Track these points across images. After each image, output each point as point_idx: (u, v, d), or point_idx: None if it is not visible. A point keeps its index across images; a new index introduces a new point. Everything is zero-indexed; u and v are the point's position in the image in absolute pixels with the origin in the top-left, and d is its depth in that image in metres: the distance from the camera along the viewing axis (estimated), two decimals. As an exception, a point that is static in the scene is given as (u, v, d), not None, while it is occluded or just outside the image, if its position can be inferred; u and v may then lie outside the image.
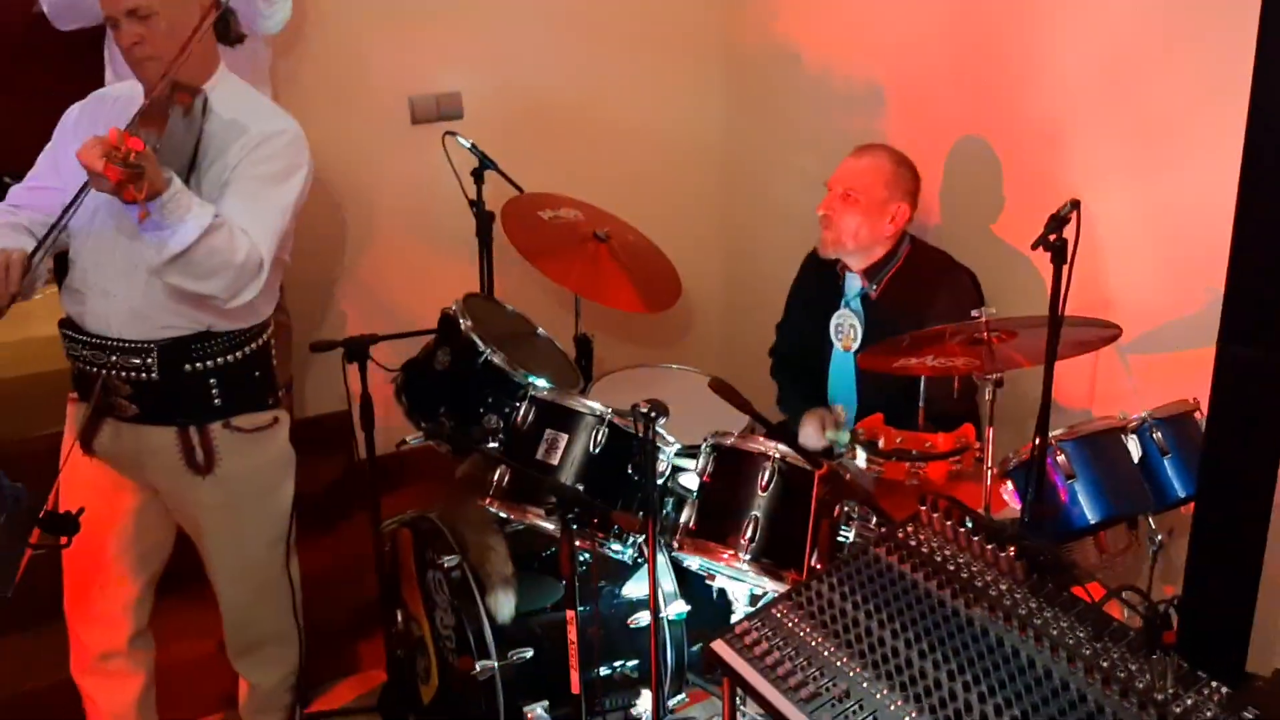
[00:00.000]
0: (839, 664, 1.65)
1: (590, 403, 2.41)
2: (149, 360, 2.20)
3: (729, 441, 2.31)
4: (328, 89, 3.38)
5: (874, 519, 2.13)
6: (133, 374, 2.21)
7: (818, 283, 2.92)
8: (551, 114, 3.71)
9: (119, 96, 2.30)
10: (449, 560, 2.53)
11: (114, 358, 2.21)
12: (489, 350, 2.62)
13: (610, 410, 2.39)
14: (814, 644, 1.70)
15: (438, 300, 2.80)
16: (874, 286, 2.80)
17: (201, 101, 2.16)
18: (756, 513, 2.22)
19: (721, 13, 3.88)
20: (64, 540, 1.80)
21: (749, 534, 2.21)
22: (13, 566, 1.70)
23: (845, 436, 2.65)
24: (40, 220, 2.19)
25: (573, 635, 2.16)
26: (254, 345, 2.33)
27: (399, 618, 2.81)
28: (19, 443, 3.04)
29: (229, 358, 2.28)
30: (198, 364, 2.24)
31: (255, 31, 2.96)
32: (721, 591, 2.45)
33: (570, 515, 2.12)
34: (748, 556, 2.21)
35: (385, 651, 2.88)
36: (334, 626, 2.94)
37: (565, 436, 2.38)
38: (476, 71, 3.59)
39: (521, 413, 2.46)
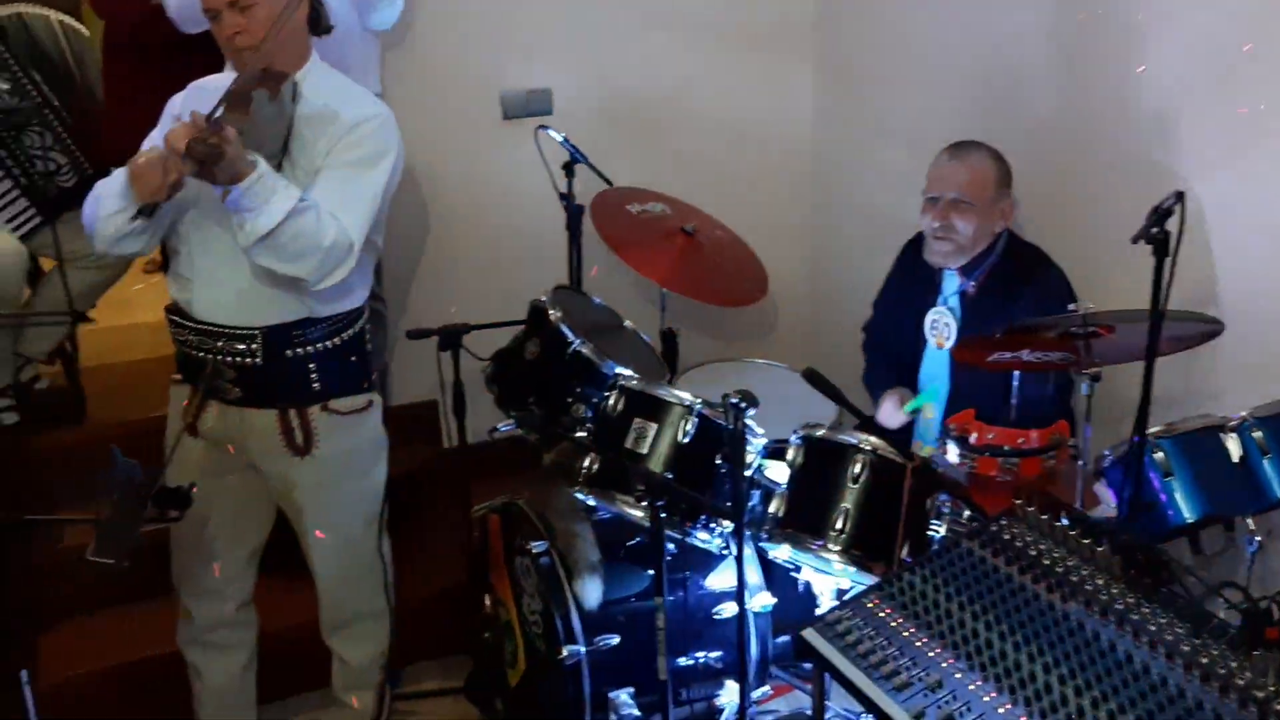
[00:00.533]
0: (931, 655, 1.65)
1: (680, 393, 2.43)
2: (254, 345, 2.28)
3: (820, 433, 2.31)
4: (426, 84, 3.45)
5: (966, 513, 2.12)
6: (238, 359, 2.29)
7: (913, 276, 2.89)
8: (640, 109, 3.73)
9: (218, 87, 2.37)
10: (537, 546, 2.57)
11: (220, 343, 2.28)
12: (578, 341, 2.65)
13: (700, 401, 2.41)
14: (906, 635, 1.70)
15: (527, 292, 2.84)
16: (972, 283, 2.76)
17: (290, 88, 2.23)
18: (847, 505, 2.23)
19: (813, 5, 3.87)
20: (176, 514, 1.87)
21: (839, 525, 2.22)
22: (130, 539, 1.77)
23: (930, 396, 2.66)
24: None
25: (661, 622, 2.18)
26: (350, 331, 2.40)
27: (487, 601, 2.86)
28: (125, 424, 3.15)
29: (327, 343, 2.34)
30: (298, 349, 2.31)
31: (367, 26, 3.04)
32: (807, 585, 2.46)
33: (659, 503, 2.14)
34: (838, 548, 2.21)
35: (472, 635, 2.93)
36: (422, 608, 3.00)
37: (654, 426, 2.41)
38: (566, 67, 3.63)
39: (611, 402, 2.49)
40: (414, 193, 3.49)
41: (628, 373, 2.55)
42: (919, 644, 1.68)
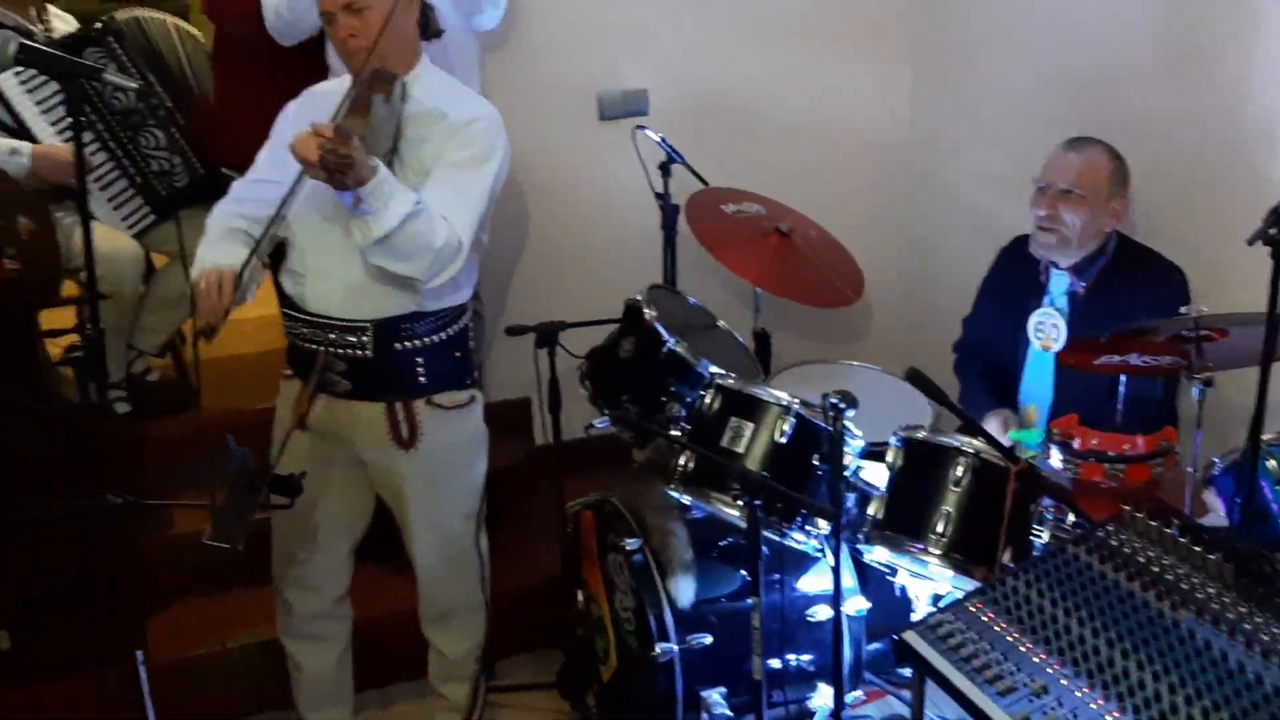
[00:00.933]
0: (1036, 660, 1.63)
1: (777, 392, 2.42)
2: (364, 339, 2.33)
3: (921, 435, 2.29)
4: (525, 85, 3.50)
5: (1070, 518, 2.09)
6: (348, 351, 2.34)
7: (1016, 278, 2.84)
8: (736, 108, 3.74)
9: (330, 92, 2.43)
10: (631, 543, 2.58)
11: (331, 335, 2.34)
12: (672, 340, 2.67)
13: (798, 401, 2.40)
14: (1010, 640, 1.68)
15: (621, 291, 2.87)
16: (1082, 284, 2.71)
17: (400, 88, 2.28)
18: (948, 508, 2.20)
19: (909, 3, 3.83)
20: (287, 502, 1.93)
21: (940, 529, 2.19)
22: (244, 524, 1.83)
23: (1034, 436, 2.60)
24: (259, 216, 2.32)
25: (756, 622, 2.18)
26: (456, 327, 2.44)
27: (579, 598, 2.88)
28: (234, 414, 3.25)
29: (434, 338, 2.39)
30: (406, 342, 2.36)
31: (471, 28, 3.10)
32: (902, 589, 2.44)
33: (756, 503, 2.14)
34: (938, 551, 2.19)
35: (564, 630, 2.96)
36: (516, 603, 3.04)
37: (751, 425, 2.41)
38: (663, 68, 3.65)
39: (707, 401, 2.49)
40: (512, 191, 3.54)
41: (723, 372, 2.55)
42: (1023, 649, 1.65)
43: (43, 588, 2.81)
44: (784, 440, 2.38)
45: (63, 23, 3.33)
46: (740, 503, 2.26)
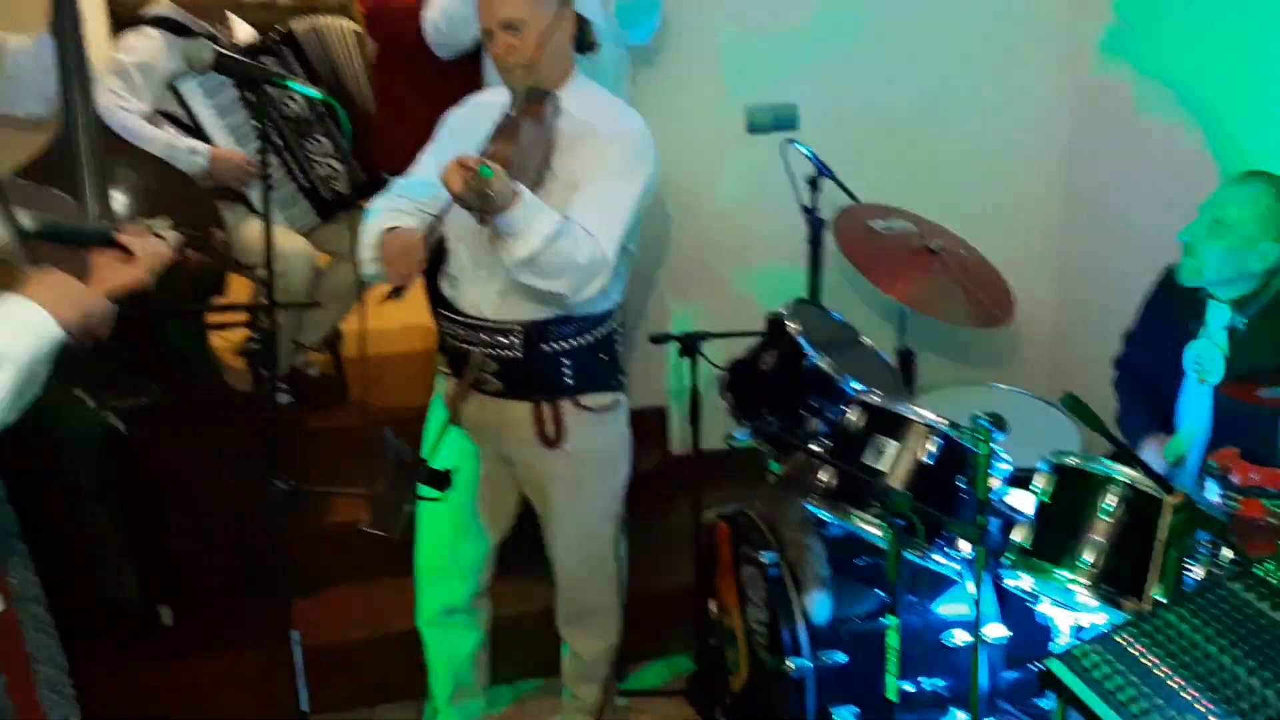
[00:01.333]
0: (1186, 697, 1.58)
1: (924, 412, 2.40)
2: (514, 340, 2.40)
3: (1072, 462, 2.24)
4: (674, 98, 3.54)
5: (1226, 554, 2.01)
6: (500, 351, 2.42)
7: (1175, 307, 2.73)
8: (887, 125, 3.71)
9: (491, 103, 2.50)
10: (766, 556, 2.59)
11: (484, 336, 2.42)
12: (815, 354, 2.67)
13: (945, 421, 2.38)
14: (1159, 675, 1.63)
15: (765, 304, 2.88)
16: (1243, 319, 2.60)
17: (553, 104, 2.34)
18: (1098, 537, 2.14)
19: (1072, 22, 3.75)
20: (440, 495, 2.00)
21: (1088, 558, 2.14)
22: (402, 513, 1.91)
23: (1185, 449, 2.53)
24: (421, 202, 2.42)
25: (894, 643, 2.16)
26: (602, 330, 2.49)
27: (712, 607, 2.90)
28: (391, 410, 3.37)
29: (581, 340, 2.45)
30: (554, 344, 2.42)
31: (623, 42, 3.16)
32: (1043, 618, 2.38)
33: (899, 522, 2.12)
34: (1086, 581, 2.13)
35: (696, 639, 2.98)
36: (649, 609, 3.07)
37: (895, 444, 2.39)
38: (814, 82, 3.63)
39: (851, 417, 2.49)
40: (659, 201, 3.58)
41: (866, 389, 2.54)
42: (1173, 684, 1.61)
43: (206, 567, 2.97)
44: (929, 460, 2.36)
45: (243, 31, 3.52)
46: (882, 521, 2.25)
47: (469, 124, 2.46)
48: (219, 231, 2.03)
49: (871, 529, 2.36)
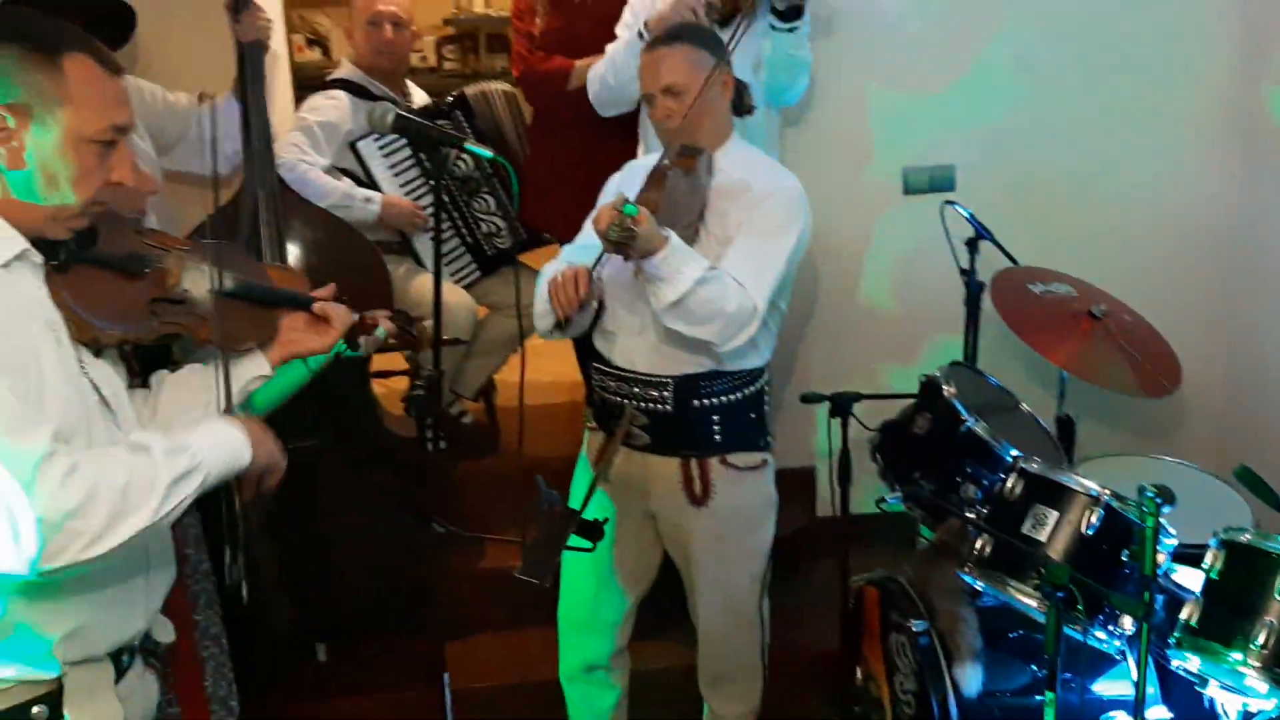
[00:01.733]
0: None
1: (1086, 481, 2.32)
2: (665, 394, 2.44)
3: (1246, 538, 2.13)
4: (826, 158, 3.55)
5: None
6: (650, 405, 2.45)
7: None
8: (1047, 187, 3.64)
9: (646, 165, 2.56)
10: (917, 625, 2.53)
11: (635, 389, 2.46)
12: (971, 419, 2.62)
13: (1109, 491, 2.29)
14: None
15: (919, 366, 2.85)
16: None
17: (706, 161, 2.38)
18: (1272, 618, 2.03)
19: (1244, 82, 3.62)
20: (590, 546, 2.03)
21: (1261, 640, 2.02)
22: (553, 561, 1.95)
23: None
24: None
25: None
26: (752, 389, 2.50)
27: (858, 674, 2.84)
28: (541, 460, 3.44)
29: (731, 397, 2.46)
30: (704, 400, 2.44)
31: (773, 104, 3.20)
32: (1210, 701, 2.26)
33: (1058, 595, 2.05)
34: (1258, 664, 2.02)
35: (840, 705, 2.92)
36: (792, 673, 3.03)
37: (1055, 513, 2.31)
38: (971, 143, 3.61)
39: (1008, 484, 2.42)
40: (809, 259, 3.59)
41: (1025, 455, 2.47)
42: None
43: (361, 606, 3.07)
44: (1090, 532, 2.27)
45: (418, 95, 3.70)
46: (1040, 594, 2.18)
47: (627, 188, 2.52)
48: (427, 326, 2.16)
49: (1028, 601, 2.28)
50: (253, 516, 2.45)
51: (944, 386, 2.70)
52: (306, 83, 3.75)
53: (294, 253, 2.94)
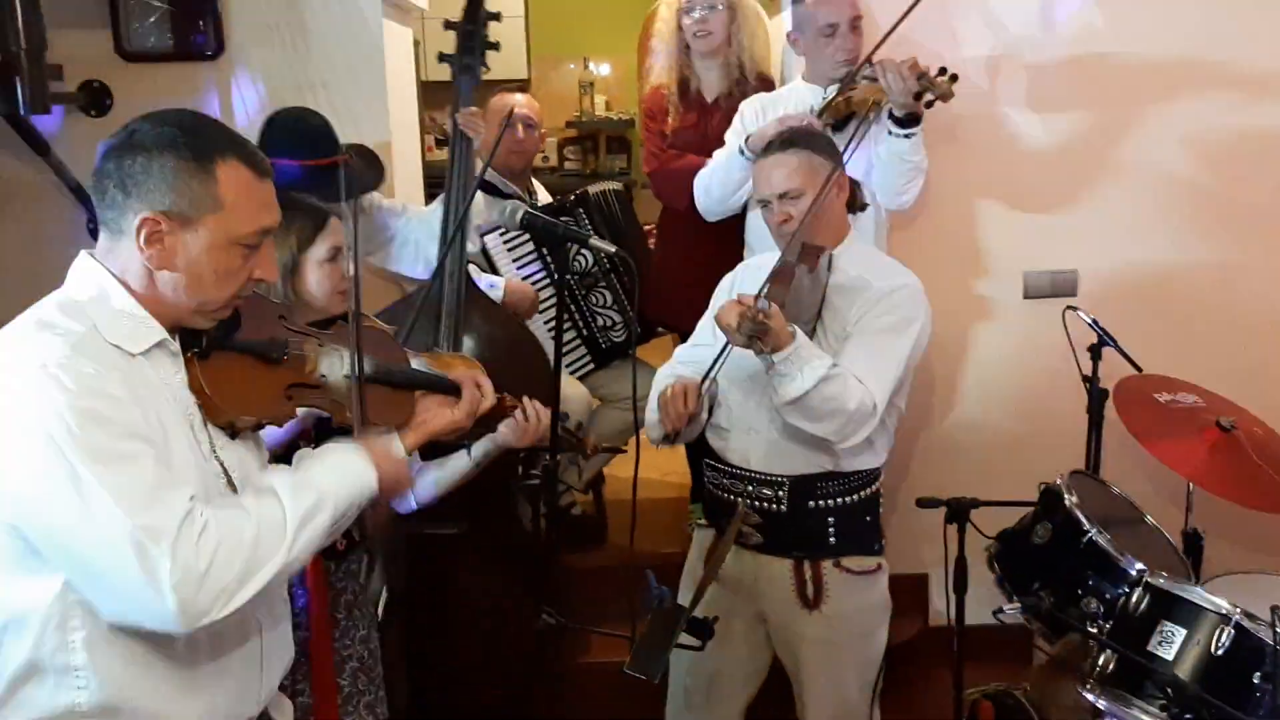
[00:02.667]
0: None
1: (1215, 598, 2.24)
2: (780, 493, 2.43)
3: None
4: (943, 260, 3.55)
5: None
6: (764, 504, 2.44)
7: None
8: (1174, 295, 3.57)
9: (761, 265, 2.58)
10: (1035, 740, 2.44)
11: (749, 488, 2.46)
12: (1094, 530, 2.54)
13: (1239, 610, 2.20)
14: None
15: (1038, 473, 2.78)
16: None
17: (826, 260, 2.39)
18: None
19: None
20: (699, 644, 2.02)
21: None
22: (662, 657, 1.94)
23: None
24: (698, 376, 2.48)
25: None
26: (868, 490, 2.49)
27: (973, 792, 2.74)
28: (648, 555, 3.44)
29: (847, 499, 2.45)
30: (820, 501, 2.43)
31: (888, 207, 3.22)
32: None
33: (1186, 716, 1.97)
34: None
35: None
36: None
37: (1182, 631, 2.23)
38: (1095, 250, 3.57)
39: (1133, 599, 2.34)
40: (927, 360, 3.54)
41: (1150, 570, 2.39)
42: None
43: (474, 688, 3.07)
44: (1220, 652, 2.18)
45: (543, 194, 3.83)
46: (1166, 714, 2.09)
47: (742, 287, 2.54)
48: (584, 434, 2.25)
49: (1152, 721, 2.19)
50: (377, 552, 2.47)
51: (1066, 495, 2.64)
52: (435, 180, 3.90)
53: (467, 344, 3.03)
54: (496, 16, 3.13)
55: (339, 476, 1.61)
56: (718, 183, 3.12)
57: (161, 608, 1.41)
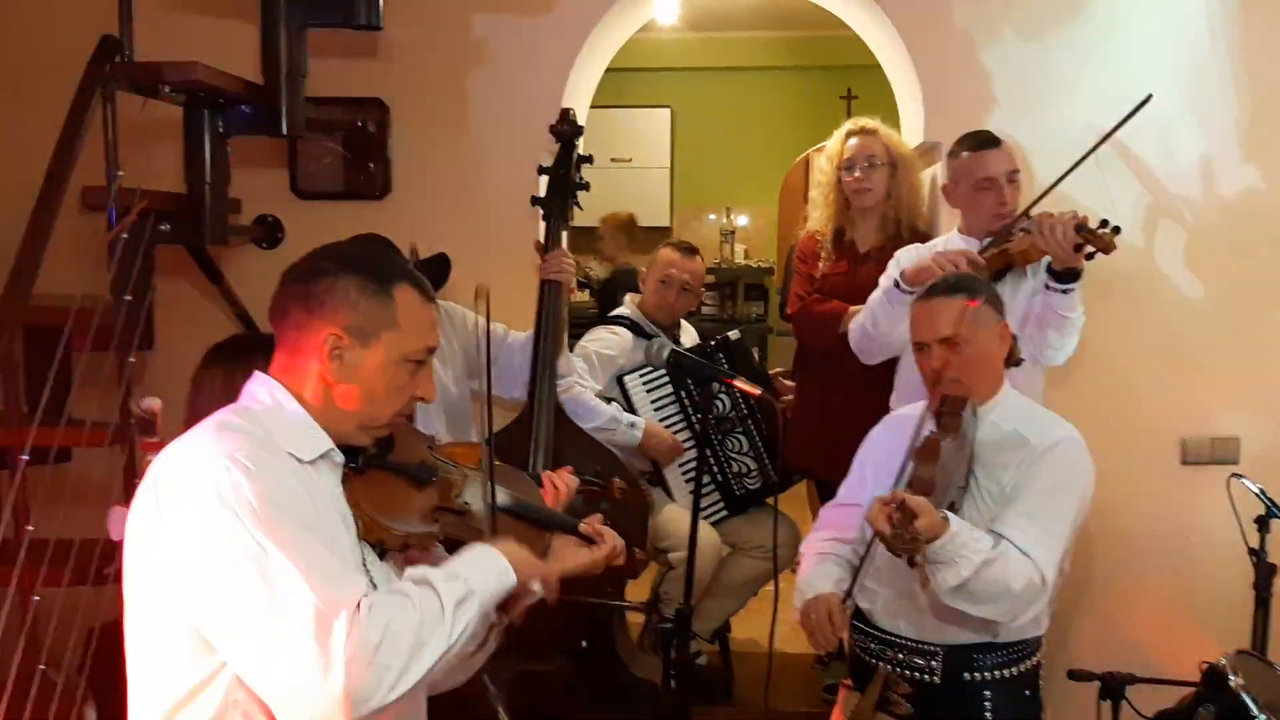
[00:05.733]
0: None
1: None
2: (933, 664, 2.29)
3: None
4: (1097, 420, 3.40)
5: None
6: (915, 673, 2.31)
7: None
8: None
9: (908, 417, 2.49)
10: None
11: (899, 655, 2.33)
12: (1262, 715, 2.35)
13: None
14: None
15: (1199, 651, 2.61)
16: None
17: (970, 412, 2.27)
18: None
19: None
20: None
21: None
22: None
23: None
24: (845, 539, 2.43)
25: None
26: (1029, 663, 2.34)
27: None
28: (779, 714, 3.31)
29: (1006, 672, 2.30)
30: (976, 674, 2.29)
31: (1039, 361, 3.14)
32: None
33: None
34: None
35: None
36: None
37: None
38: (1258, 417, 3.42)
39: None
40: (1082, 526, 3.42)
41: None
42: None
43: None
44: None
45: (688, 336, 3.87)
46: None
47: (891, 443, 2.46)
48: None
49: None
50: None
51: (1230, 676, 2.46)
52: (574, 321, 3.98)
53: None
54: (589, 159, 3.27)
55: (482, 571, 1.63)
56: (882, 317, 3.01)
57: (329, 684, 1.41)
